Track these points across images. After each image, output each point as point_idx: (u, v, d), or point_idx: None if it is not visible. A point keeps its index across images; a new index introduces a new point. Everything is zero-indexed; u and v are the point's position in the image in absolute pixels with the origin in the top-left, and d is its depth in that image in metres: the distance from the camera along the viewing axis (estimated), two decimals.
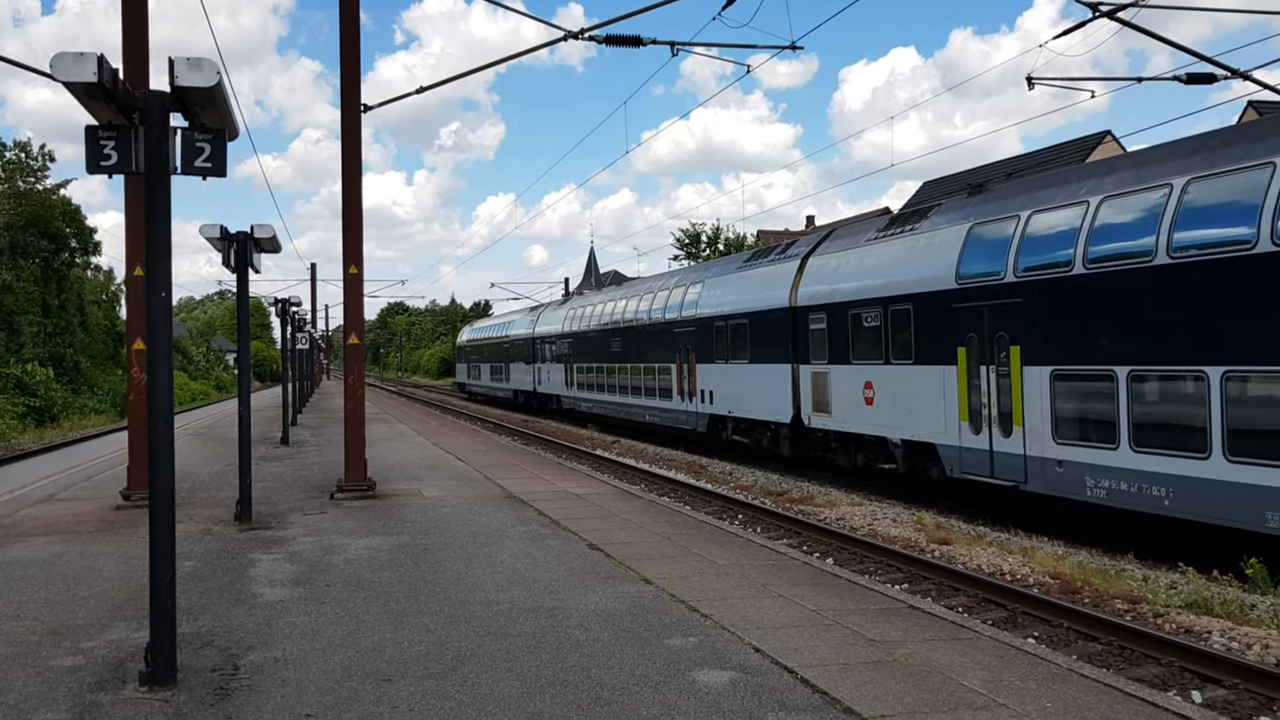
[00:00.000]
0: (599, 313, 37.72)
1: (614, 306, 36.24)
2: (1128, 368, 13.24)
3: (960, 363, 16.60)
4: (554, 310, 46.67)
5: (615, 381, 34.97)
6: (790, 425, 22.72)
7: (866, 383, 19.53)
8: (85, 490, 16.70)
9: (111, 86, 5.89)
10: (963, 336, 16.50)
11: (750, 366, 24.72)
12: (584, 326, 39.22)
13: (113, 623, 7.85)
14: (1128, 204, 13.50)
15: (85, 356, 53.38)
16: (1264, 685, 7.99)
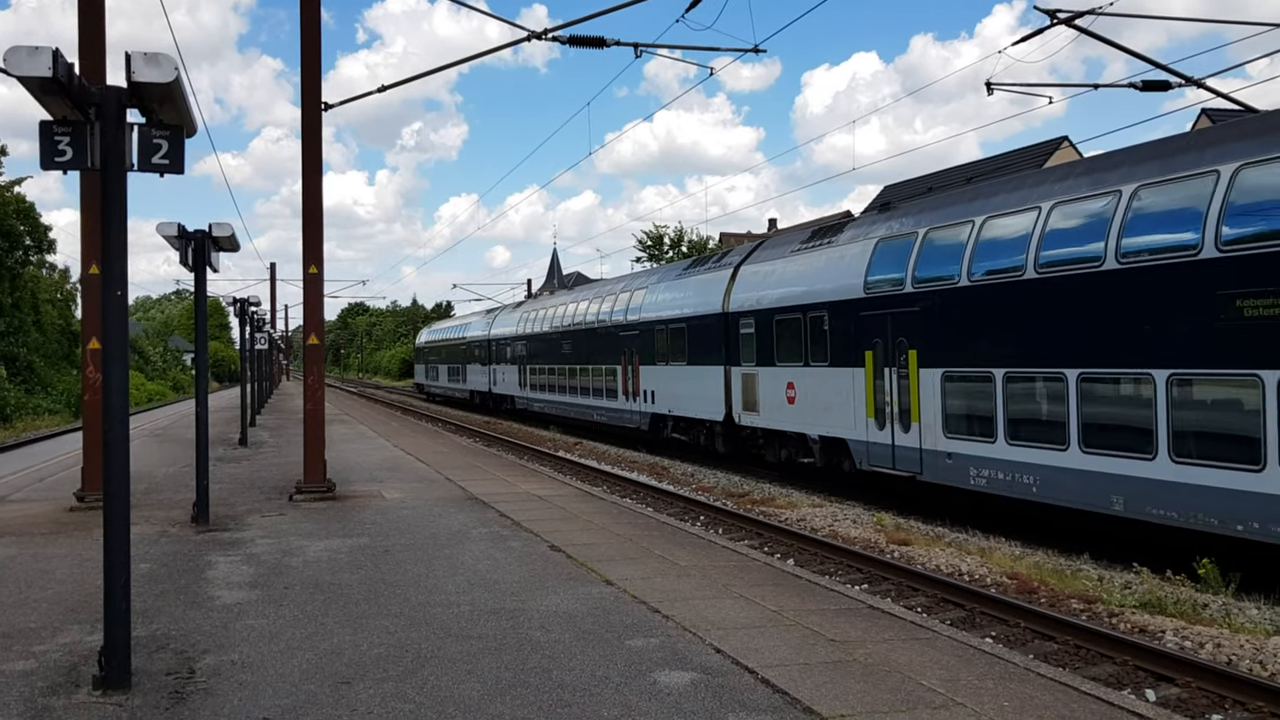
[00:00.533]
0: (551, 316, 39.27)
1: (565, 310, 37.80)
2: (1003, 370, 14.89)
3: (867, 365, 18.22)
4: (509, 313, 48.12)
5: (566, 382, 36.48)
6: (723, 423, 24.30)
7: (789, 383, 21.20)
8: (38, 492, 16.44)
9: (67, 81, 5.81)
10: (870, 341, 18.11)
11: (688, 368, 26.34)
12: (537, 329, 40.84)
13: (66, 626, 7.73)
14: (1003, 225, 15.31)
15: (39, 356, 52.53)
16: (1216, 683, 8.12)
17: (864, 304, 18.09)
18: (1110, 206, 13.31)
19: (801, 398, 20.65)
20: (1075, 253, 13.85)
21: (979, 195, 16.30)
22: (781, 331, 21.32)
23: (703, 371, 25.24)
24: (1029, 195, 15.00)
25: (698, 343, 25.75)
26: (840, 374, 19.05)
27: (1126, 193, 13.15)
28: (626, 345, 30.33)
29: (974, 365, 15.47)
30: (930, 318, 16.34)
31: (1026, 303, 14.46)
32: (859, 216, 20.97)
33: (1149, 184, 12.98)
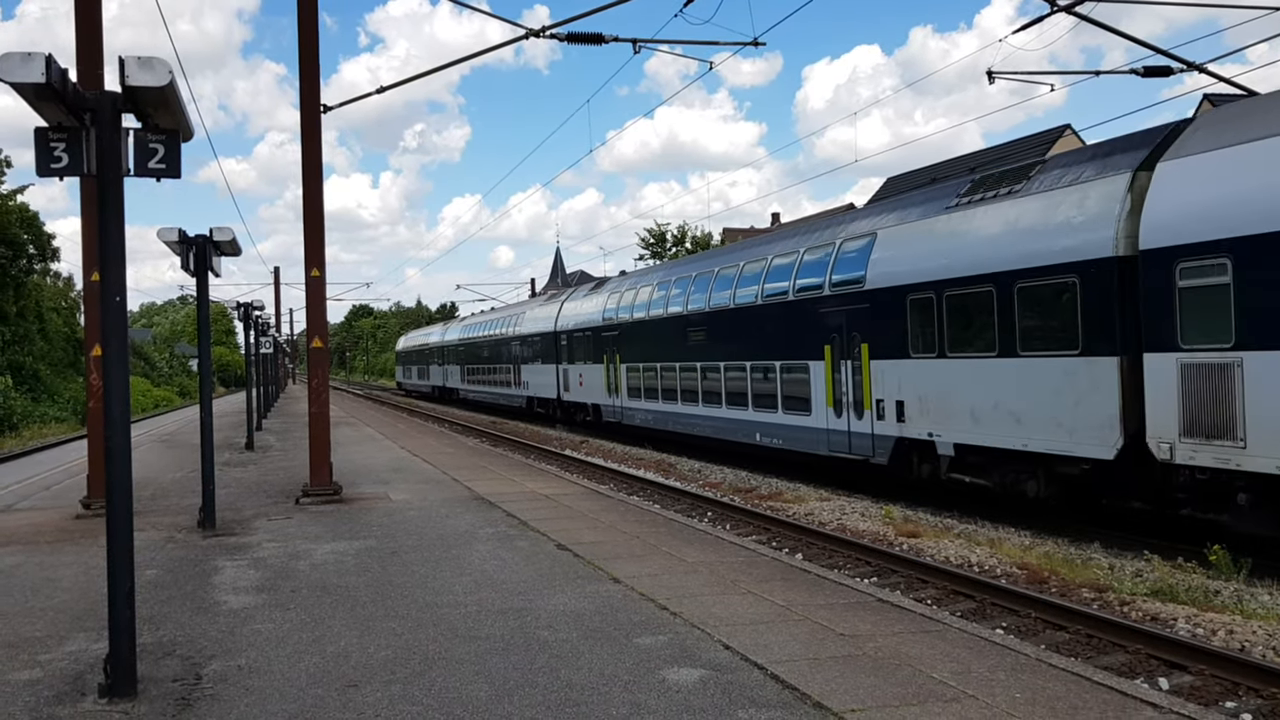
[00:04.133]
0: (475, 329, 55.11)
1: (484, 322, 53.84)
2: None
3: (605, 362, 29.95)
4: (456, 324, 64.71)
5: (484, 377, 51.31)
6: (557, 401, 37.80)
7: (580, 375, 35.55)
8: (45, 499, 16.44)
9: (61, 87, 5.76)
10: (606, 348, 31.19)
11: (545, 366, 39.16)
12: (465, 339, 56.70)
13: (72, 634, 7.71)
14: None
15: (45, 364, 52.61)
16: (1229, 670, 8.06)
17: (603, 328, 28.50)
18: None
19: (588, 382, 33.60)
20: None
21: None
22: (594, 339, 33.48)
23: (584, 369, 34.72)
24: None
25: (533, 349, 41.33)
26: (595, 369, 33.06)
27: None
28: (515, 351, 44.85)
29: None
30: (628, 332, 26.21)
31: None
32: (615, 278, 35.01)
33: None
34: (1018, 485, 14.97)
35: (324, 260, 15.31)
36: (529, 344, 41.82)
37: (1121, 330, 12.81)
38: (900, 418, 17.02)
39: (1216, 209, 11.48)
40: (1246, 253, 11.05)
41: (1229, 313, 11.25)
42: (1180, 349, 11.81)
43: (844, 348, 18.71)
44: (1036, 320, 14.15)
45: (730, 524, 15.55)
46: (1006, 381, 14.61)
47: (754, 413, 22.32)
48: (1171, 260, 11.93)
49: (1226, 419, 11.29)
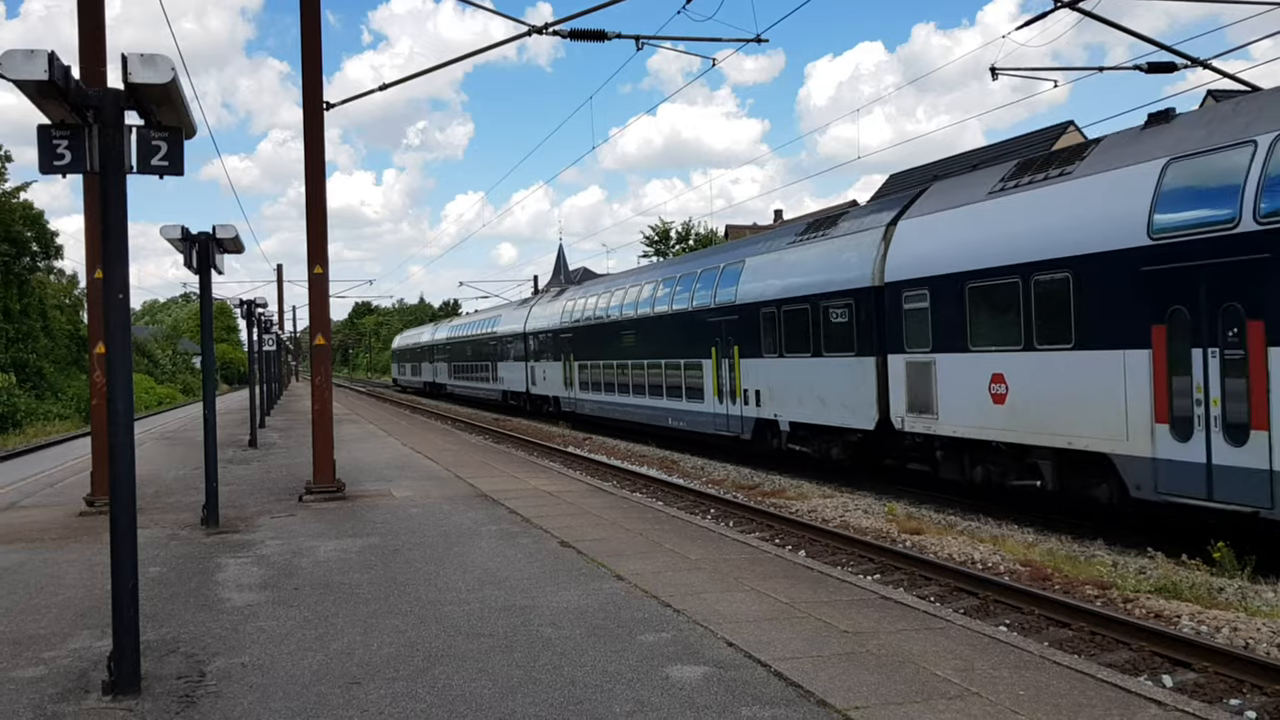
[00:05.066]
0: (460, 329, 60.97)
1: (468, 323, 60.17)
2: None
3: (565, 361, 34.36)
4: (445, 325, 69.94)
5: (468, 374, 56.98)
6: (525, 394, 43.47)
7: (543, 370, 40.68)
8: (49, 497, 16.46)
9: (63, 84, 5.76)
10: (563, 352, 36.94)
11: (517, 363, 44.80)
12: (452, 338, 62.44)
13: (76, 631, 7.72)
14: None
15: (48, 362, 52.71)
16: (1233, 668, 8.05)
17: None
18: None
19: (550, 378, 38.86)
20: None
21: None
22: (550, 341, 39.57)
23: (547, 366, 39.93)
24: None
25: (508, 351, 46.59)
26: (555, 366, 38.24)
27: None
28: (492, 350, 49.84)
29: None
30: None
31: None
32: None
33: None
34: (827, 451, 20.17)
35: (327, 257, 15.32)
36: (504, 344, 47.14)
37: (878, 338, 17.73)
38: (758, 404, 22.21)
39: (921, 257, 16.61)
40: (936, 287, 16.10)
41: (928, 328, 16.30)
42: (906, 352, 16.88)
43: (724, 349, 23.80)
44: (832, 330, 19.30)
45: (733, 521, 15.54)
46: (817, 375, 19.82)
47: (667, 401, 27.41)
48: (900, 291, 16.98)
49: (928, 400, 16.35)
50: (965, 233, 15.66)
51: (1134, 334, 12.46)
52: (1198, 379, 11.65)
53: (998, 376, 14.77)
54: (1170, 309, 11.98)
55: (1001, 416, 14.70)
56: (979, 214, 15.47)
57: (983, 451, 15.61)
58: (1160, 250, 12.11)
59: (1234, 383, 11.24)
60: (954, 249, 15.79)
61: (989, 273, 14.90)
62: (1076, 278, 13.35)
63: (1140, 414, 12.40)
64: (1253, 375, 11.01)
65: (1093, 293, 13.11)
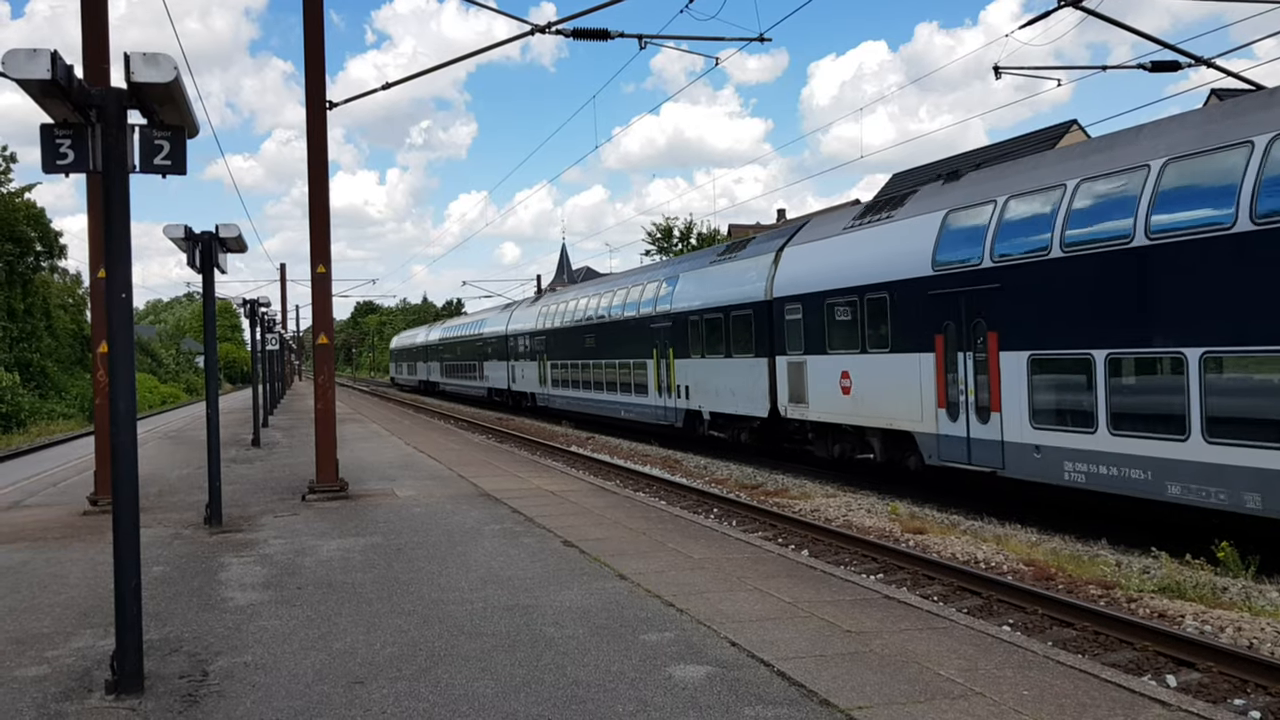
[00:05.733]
0: (451, 331, 65.84)
1: (458, 325, 65.16)
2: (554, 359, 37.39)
3: (508, 361, 42.38)
4: (438, 327, 74.81)
5: (457, 372, 61.35)
6: (505, 390, 47.83)
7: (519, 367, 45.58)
8: (52, 496, 16.47)
9: (66, 84, 5.76)
10: (536, 351, 40.89)
11: (500, 363, 48.85)
12: (444, 339, 67.01)
13: (79, 630, 7.72)
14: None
15: (52, 361, 52.76)
16: (1237, 668, 8.04)
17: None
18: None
19: (527, 376, 43.32)
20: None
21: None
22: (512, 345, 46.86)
23: (525, 365, 43.98)
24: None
25: (491, 349, 51.31)
26: (532, 365, 42.50)
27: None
28: (479, 350, 54.35)
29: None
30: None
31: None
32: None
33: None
34: (737, 435, 24.37)
35: (330, 257, 15.31)
36: (489, 345, 51.50)
37: (769, 343, 21.82)
38: (688, 397, 26.26)
39: (797, 277, 20.83)
40: (806, 302, 20.29)
41: (801, 335, 20.49)
42: (787, 354, 21.03)
43: (662, 351, 27.93)
44: (738, 336, 23.34)
45: (736, 520, 15.53)
46: (729, 373, 23.92)
47: (620, 395, 31.40)
48: (783, 304, 21.17)
49: (802, 392, 20.48)
50: (825, 259, 19.97)
51: (925, 341, 16.45)
52: (962, 375, 15.64)
53: (845, 374, 19.00)
54: (945, 322, 15.95)
55: (848, 405, 18.97)
56: (835, 245, 19.77)
57: (838, 432, 19.94)
58: (939, 278, 16.06)
59: (981, 377, 15.23)
60: (818, 272, 20.09)
61: (839, 292, 19.07)
62: (892, 297, 17.34)
63: (929, 401, 16.46)
64: (991, 372, 14.97)
65: (901, 309, 17.10)
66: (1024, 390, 14.36)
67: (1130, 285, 12.59)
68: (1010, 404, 14.62)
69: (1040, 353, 14.17)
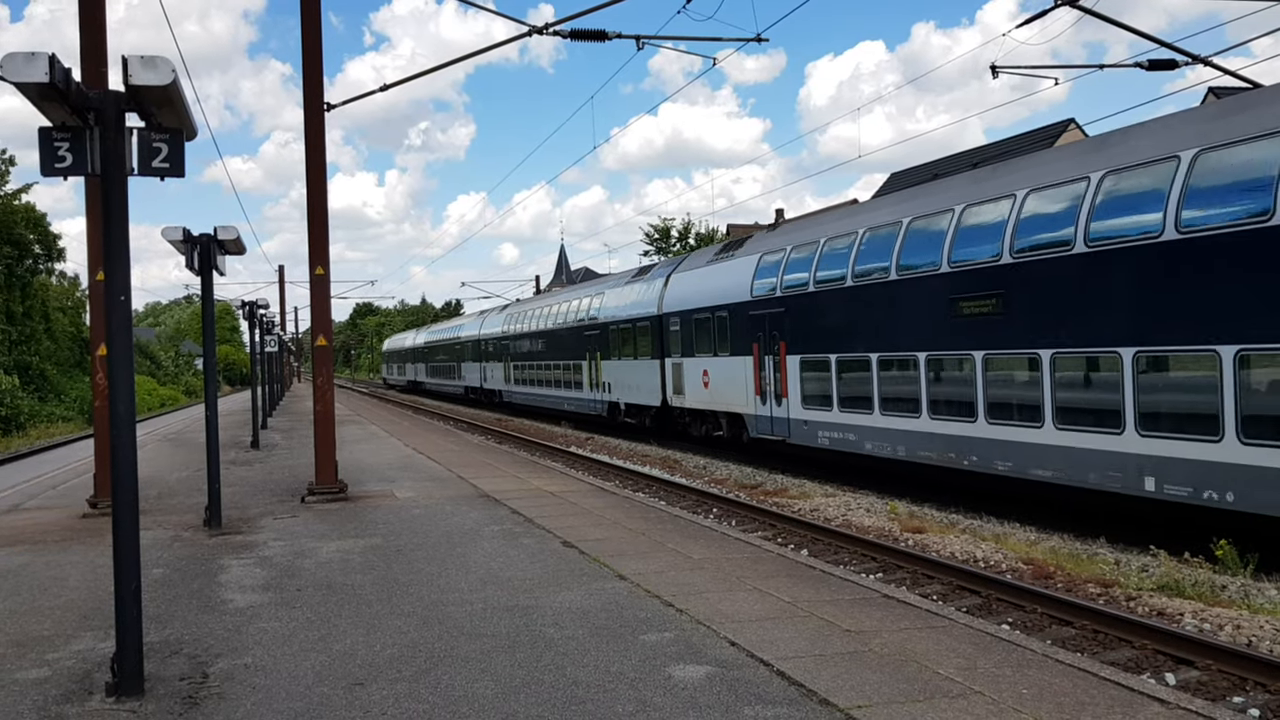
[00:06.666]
0: (434, 335, 72.33)
1: (441, 329, 72.09)
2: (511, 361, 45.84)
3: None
4: (424, 331, 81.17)
5: (439, 373, 67.23)
6: (476, 388, 54.25)
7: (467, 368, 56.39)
8: (52, 499, 16.47)
9: (64, 87, 5.76)
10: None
11: (474, 364, 55.24)
12: (428, 342, 73.13)
13: (79, 633, 7.72)
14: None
15: (51, 364, 52.77)
16: (1236, 665, 8.05)
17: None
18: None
19: (495, 376, 49.82)
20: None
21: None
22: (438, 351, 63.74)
23: (493, 366, 50.27)
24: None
25: (466, 352, 57.65)
26: (499, 366, 48.89)
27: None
28: (457, 352, 60.34)
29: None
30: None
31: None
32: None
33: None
34: (642, 421, 30.33)
35: (328, 258, 15.32)
36: (465, 348, 57.64)
37: (660, 348, 28.25)
38: (610, 391, 32.67)
39: (677, 298, 27.27)
40: (682, 317, 26.70)
41: (679, 342, 26.93)
42: (671, 357, 27.49)
43: (593, 354, 34.35)
44: (641, 342, 29.82)
45: (735, 520, 15.54)
46: (636, 371, 30.29)
47: (564, 391, 37.79)
48: (669, 318, 27.66)
49: (681, 386, 26.77)
50: (694, 286, 26.39)
51: (748, 347, 22.77)
52: (768, 372, 21.89)
53: (705, 371, 25.36)
54: (758, 334, 22.22)
55: (708, 395, 25.39)
56: (701, 274, 26.32)
57: (703, 415, 26.33)
58: (755, 303, 22.40)
59: (777, 374, 21.38)
60: (689, 295, 26.51)
61: (702, 310, 25.45)
62: (730, 315, 23.78)
63: (750, 391, 22.77)
64: (783, 369, 21.16)
65: (735, 324, 23.50)
66: (799, 382, 20.55)
67: (842, 311, 19.06)
68: (792, 392, 20.80)
69: (806, 356, 20.33)
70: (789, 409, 20.80)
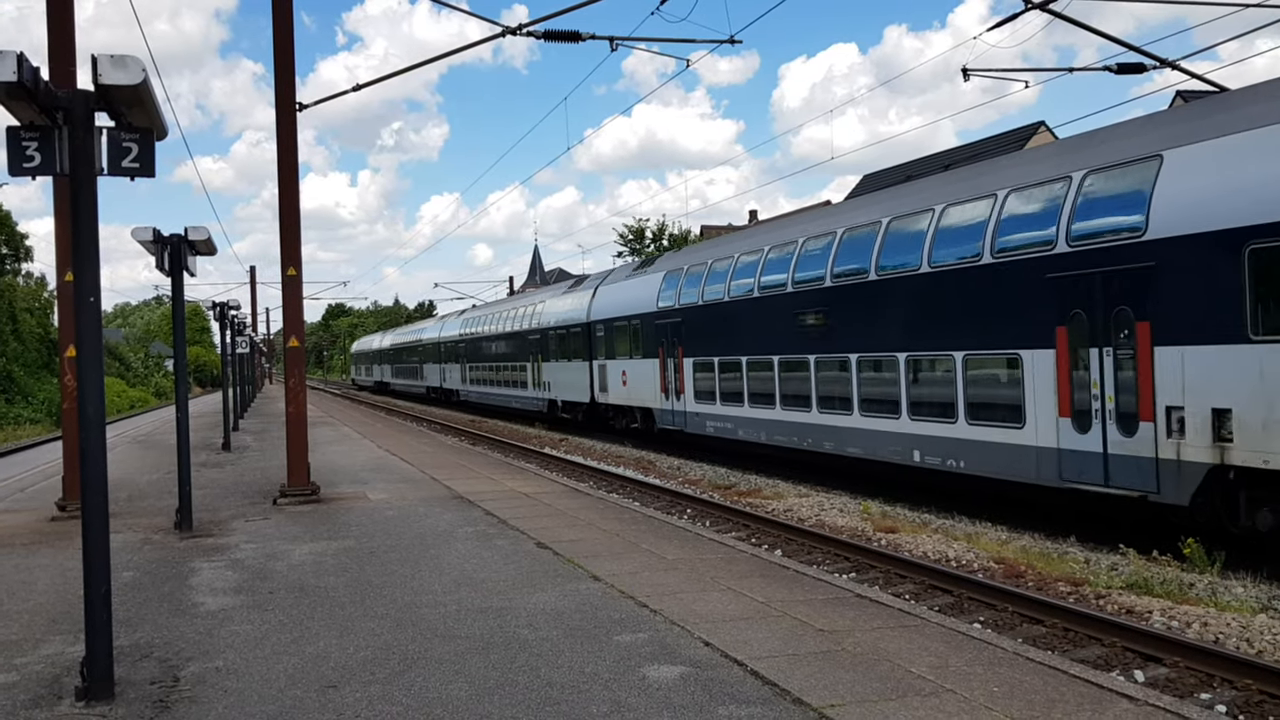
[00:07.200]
0: (400, 337, 75.84)
1: (405, 332, 75.94)
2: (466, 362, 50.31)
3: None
4: (390, 334, 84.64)
5: (403, 374, 71.13)
6: (438, 388, 57.67)
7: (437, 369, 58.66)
8: (19, 501, 16.29)
9: (33, 86, 5.71)
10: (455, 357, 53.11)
11: (434, 365, 59.24)
12: (394, 344, 76.37)
13: (48, 637, 7.65)
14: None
15: (19, 365, 52.13)
16: (1204, 662, 8.14)
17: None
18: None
19: (453, 376, 53.73)
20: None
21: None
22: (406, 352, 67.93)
23: (451, 367, 54.20)
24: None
25: (428, 354, 61.69)
26: (456, 367, 52.81)
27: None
28: (419, 354, 64.26)
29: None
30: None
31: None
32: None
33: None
34: (575, 415, 33.89)
35: (300, 259, 15.23)
36: (426, 350, 61.52)
37: (589, 351, 31.64)
38: (549, 390, 36.09)
39: (602, 307, 30.66)
40: (606, 324, 30.19)
41: (604, 346, 30.27)
42: (597, 359, 30.79)
43: (535, 357, 37.86)
44: (572, 346, 33.39)
45: (709, 521, 15.57)
46: (569, 372, 33.83)
47: (511, 390, 41.56)
48: (596, 325, 31.02)
49: (605, 384, 30.16)
50: (615, 297, 30.00)
51: (655, 351, 26.42)
52: (669, 372, 25.61)
53: (624, 372, 28.86)
54: (662, 339, 25.90)
55: (626, 392, 28.82)
56: (620, 287, 30.02)
57: (623, 410, 29.70)
58: (660, 313, 26.18)
59: (678, 374, 25.04)
60: (611, 305, 30.14)
61: (621, 319, 29.10)
62: (643, 324, 27.33)
63: (658, 389, 26.33)
64: (681, 370, 24.84)
65: (645, 331, 27.16)
66: (692, 381, 24.28)
67: (721, 323, 22.85)
68: (688, 389, 24.51)
69: (697, 359, 24.06)
70: (685, 403, 24.75)
